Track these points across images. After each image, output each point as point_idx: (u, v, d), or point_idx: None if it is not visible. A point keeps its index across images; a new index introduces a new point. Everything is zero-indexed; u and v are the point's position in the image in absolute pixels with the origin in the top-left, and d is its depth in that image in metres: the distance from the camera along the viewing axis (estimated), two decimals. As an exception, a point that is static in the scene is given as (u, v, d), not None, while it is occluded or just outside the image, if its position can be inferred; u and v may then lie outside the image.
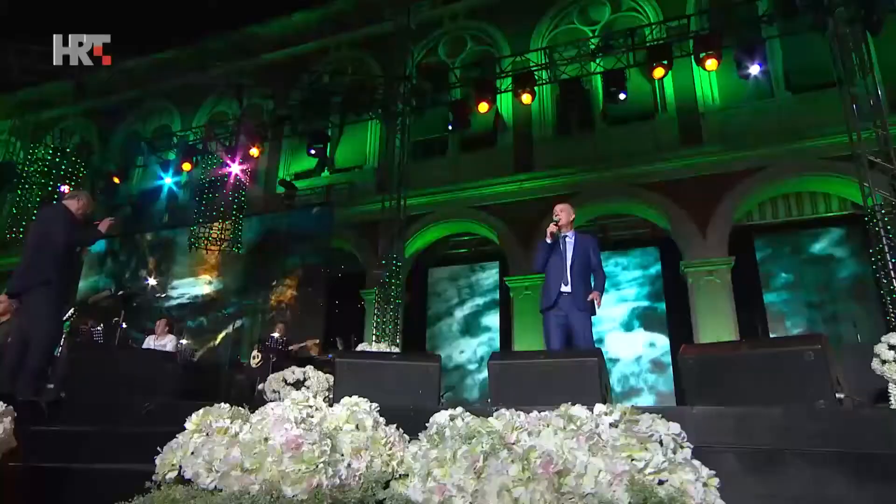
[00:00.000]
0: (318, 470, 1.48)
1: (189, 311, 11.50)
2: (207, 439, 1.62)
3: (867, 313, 9.39)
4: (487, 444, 1.39)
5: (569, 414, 1.55)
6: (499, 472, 1.26)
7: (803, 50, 10.41)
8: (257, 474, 1.50)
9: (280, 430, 1.60)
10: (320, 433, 1.57)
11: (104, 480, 2.74)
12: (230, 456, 1.54)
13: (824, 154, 9.67)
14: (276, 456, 1.51)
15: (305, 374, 6.75)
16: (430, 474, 1.40)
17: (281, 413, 1.69)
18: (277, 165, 14.09)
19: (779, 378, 2.79)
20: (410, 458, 1.56)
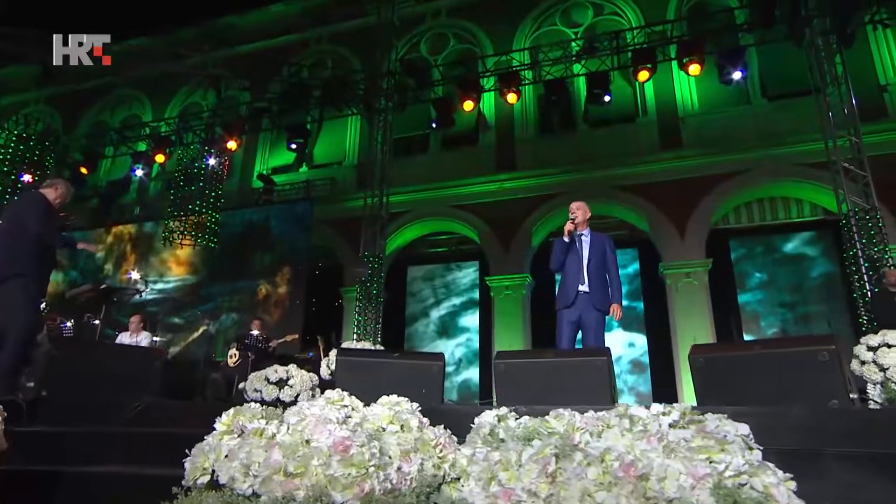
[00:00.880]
0: (368, 474, 1.39)
1: (162, 308, 11.11)
2: (243, 441, 1.51)
3: (836, 312, 9.70)
4: (555, 445, 1.33)
5: (629, 414, 1.49)
6: (578, 475, 1.19)
7: (779, 59, 10.69)
8: (302, 479, 1.40)
9: (322, 431, 1.50)
10: (367, 435, 1.48)
11: (98, 484, 2.58)
12: (271, 459, 1.44)
13: (798, 160, 9.95)
14: (324, 459, 1.41)
15: (288, 373, 6.60)
16: (494, 478, 1.32)
17: (320, 413, 1.59)
18: (254, 159, 13.76)
19: (792, 378, 2.80)
20: (464, 461, 1.48)
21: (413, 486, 1.44)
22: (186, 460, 1.56)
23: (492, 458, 1.36)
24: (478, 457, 1.41)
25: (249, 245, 11.59)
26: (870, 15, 9.34)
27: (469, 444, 1.53)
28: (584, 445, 1.34)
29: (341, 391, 1.76)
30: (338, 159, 13.38)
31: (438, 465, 1.49)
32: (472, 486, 1.41)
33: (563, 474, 1.22)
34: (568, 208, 4.72)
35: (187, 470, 1.52)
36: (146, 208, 13.31)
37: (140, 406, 3.17)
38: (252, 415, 1.63)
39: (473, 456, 1.45)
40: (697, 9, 11.81)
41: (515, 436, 1.49)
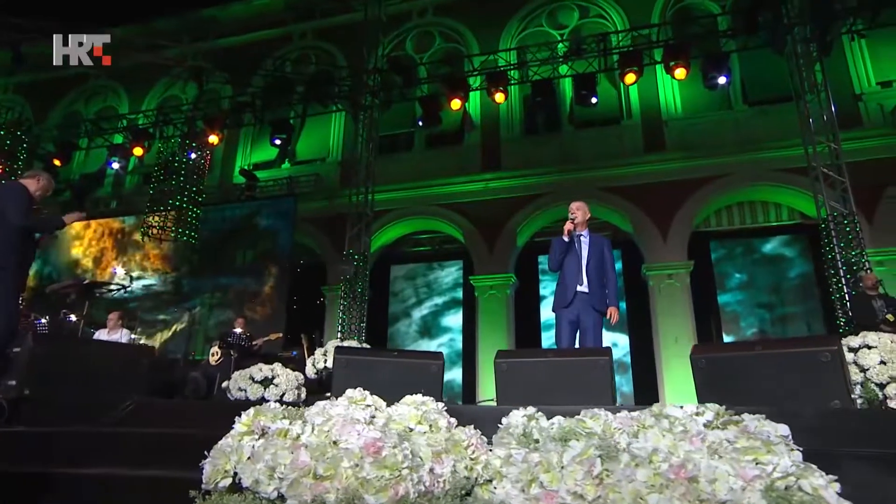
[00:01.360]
0: (402, 477, 1.35)
1: (141, 304, 10.81)
2: (267, 442, 1.44)
3: (812, 312, 9.97)
4: (597, 446, 1.29)
5: (665, 414, 1.47)
6: (628, 477, 1.16)
7: (759, 66, 10.91)
8: (332, 481, 1.35)
9: (350, 432, 1.45)
10: (398, 436, 1.43)
11: (90, 486, 2.48)
12: (298, 461, 1.38)
13: (777, 165, 10.16)
14: (355, 461, 1.36)
15: (273, 372, 6.49)
16: (535, 480, 1.28)
17: (346, 413, 1.53)
18: (235, 154, 13.51)
19: (794, 378, 2.83)
20: (497, 462, 1.44)
21: (446, 488, 1.40)
22: (206, 462, 1.49)
23: (531, 459, 1.33)
24: (515, 458, 1.37)
25: (231, 241, 11.37)
26: (847, 25, 9.58)
27: (501, 445, 1.49)
28: (626, 446, 1.31)
29: (363, 390, 1.71)
30: (321, 156, 13.22)
31: (471, 467, 1.45)
32: (507, 489, 1.37)
33: (612, 476, 1.19)
34: (567, 208, 4.76)
35: (207, 472, 1.45)
36: (123, 202, 12.96)
37: (131, 405, 3.05)
38: (273, 415, 1.57)
39: (510, 457, 1.41)
40: (681, 13, 11.98)
41: (550, 436, 1.45)
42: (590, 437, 1.39)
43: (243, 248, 11.28)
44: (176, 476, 2.33)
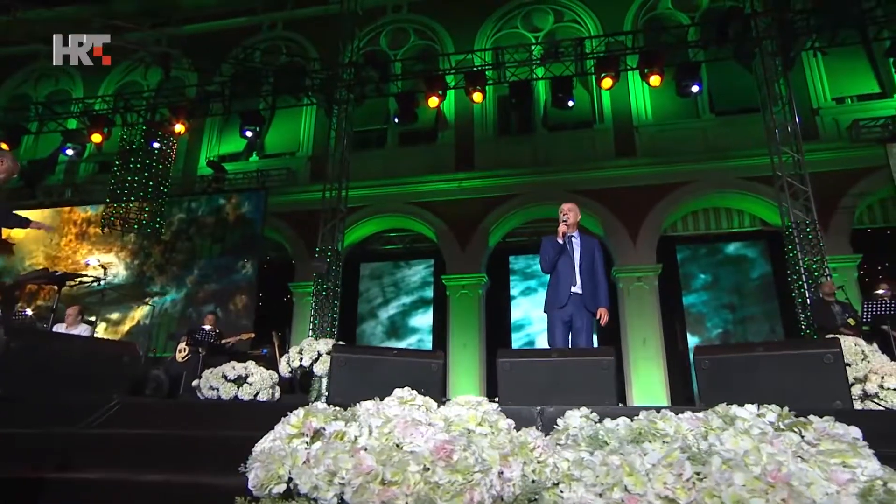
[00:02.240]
0: (476, 482, 1.28)
1: (102, 298, 10.25)
2: (327, 445, 1.35)
3: (772, 313, 10.39)
4: (682, 448, 1.26)
5: (732, 415, 1.45)
6: (727, 481, 1.13)
7: (726, 77, 11.29)
8: (400, 486, 1.27)
9: (414, 434, 1.38)
10: (467, 438, 1.36)
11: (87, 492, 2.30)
12: (363, 465, 1.29)
13: (742, 174, 10.52)
14: (426, 464, 1.28)
15: (247, 371, 6.27)
16: (618, 484, 1.24)
17: (405, 414, 1.45)
18: (200, 145, 13.03)
19: (797, 379, 2.89)
20: (565, 465, 1.39)
21: (516, 493, 1.34)
22: (255, 466, 1.38)
23: (611, 461, 1.28)
24: (591, 461, 1.32)
25: (198, 235, 10.94)
26: (810, 42, 10.01)
27: (568, 447, 1.44)
28: (708, 448, 1.29)
29: (410, 389, 1.63)
30: (290, 149, 12.90)
31: (539, 471, 1.39)
32: (581, 493, 1.32)
33: (708, 480, 1.16)
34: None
35: (259, 477, 1.35)
36: (78, 191, 12.30)
37: (117, 405, 2.86)
38: (325, 415, 1.47)
39: (581, 460, 1.36)
40: (653, 22, 12.26)
41: (619, 438, 1.41)
42: (663, 438, 1.36)
43: (210, 242, 10.88)
44: (184, 481, 2.20)
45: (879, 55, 10.96)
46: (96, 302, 9.60)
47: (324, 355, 6.89)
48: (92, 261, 8.51)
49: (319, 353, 6.94)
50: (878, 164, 9.68)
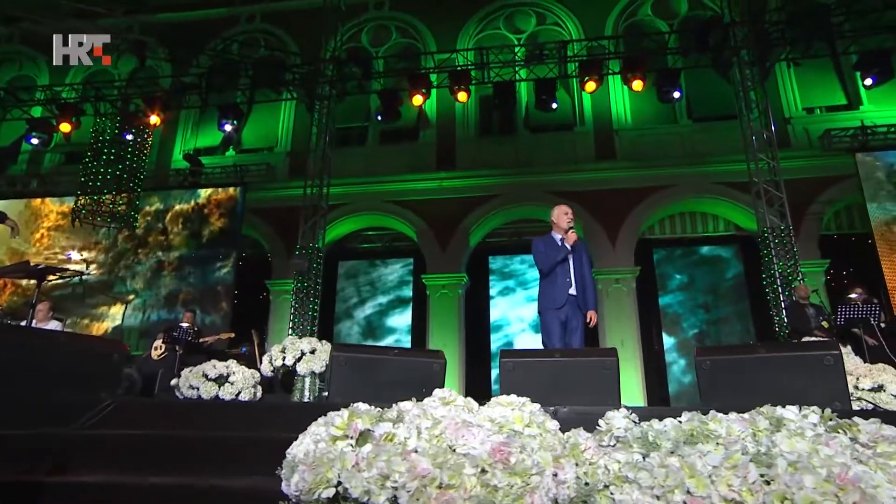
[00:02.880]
0: (534, 485, 1.25)
1: (72, 294, 9.83)
2: (378, 448, 1.30)
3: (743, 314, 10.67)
4: (743, 450, 1.26)
5: (779, 416, 1.46)
6: (797, 483, 1.13)
7: (704, 84, 11.53)
8: (457, 490, 1.23)
9: (467, 436, 1.34)
10: (521, 441, 1.33)
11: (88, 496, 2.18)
12: (418, 468, 1.25)
13: (718, 179, 10.77)
14: (484, 467, 1.25)
15: (229, 370, 6.12)
16: (680, 486, 1.23)
17: (452, 415, 1.41)
18: (174, 138, 12.66)
19: (797, 381, 2.96)
20: (618, 467, 1.37)
21: (571, 495, 1.32)
22: (300, 470, 1.32)
23: (671, 463, 1.27)
24: (649, 462, 1.30)
25: (173, 230, 10.62)
26: (785, 53, 10.31)
27: (620, 449, 1.42)
28: (767, 450, 1.28)
29: (449, 390, 1.59)
30: (269, 145, 12.65)
31: (592, 473, 1.37)
32: (635, 495, 1.30)
33: (777, 482, 1.15)
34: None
35: (306, 482, 1.29)
36: (44, 182, 11.79)
37: (111, 405, 2.74)
38: (370, 416, 1.42)
39: (636, 462, 1.34)
40: (633, 28, 12.44)
41: (669, 439, 1.40)
42: (717, 440, 1.35)
43: (187, 237, 10.57)
44: (191, 483, 2.11)
45: (846, 68, 11.37)
46: (66, 297, 9.22)
47: (307, 354, 6.77)
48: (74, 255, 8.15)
49: (303, 351, 6.80)
50: (846, 172, 10.03)
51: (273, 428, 2.83)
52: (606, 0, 12.47)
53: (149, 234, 10.59)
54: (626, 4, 12.43)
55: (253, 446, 2.32)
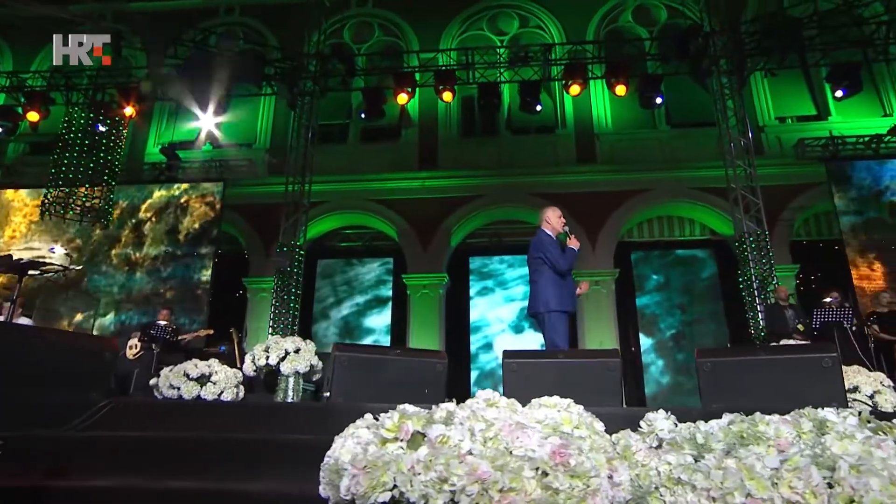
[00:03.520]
0: (594, 486, 1.23)
1: (40, 290, 9.42)
2: (436, 451, 1.27)
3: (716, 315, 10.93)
4: (801, 453, 1.26)
5: (819, 418, 1.48)
6: (865, 486, 1.14)
7: (682, 91, 11.75)
8: (518, 494, 1.21)
9: (521, 438, 1.31)
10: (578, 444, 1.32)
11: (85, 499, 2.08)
12: (478, 471, 1.22)
13: (695, 184, 11.00)
14: (545, 469, 1.23)
15: (211, 369, 5.98)
16: (739, 488, 1.22)
17: (503, 416, 1.39)
18: (147, 131, 12.29)
19: (795, 382, 3.02)
20: (669, 468, 1.37)
21: (627, 498, 1.31)
22: (351, 473, 1.28)
23: (728, 465, 1.27)
24: (706, 464, 1.30)
25: (149, 226, 10.29)
26: (762, 63, 10.59)
27: (671, 451, 1.42)
28: (822, 452, 1.29)
29: (491, 391, 1.57)
30: (247, 140, 12.40)
31: (644, 475, 1.36)
32: (689, 497, 1.30)
33: (842, 485, 1.16)
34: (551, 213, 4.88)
35: (362, 486, 1.24)
36: (9, 173, 11.29)
37: (108, 406, 2.62)
38: (419, 418, 1.38)
39: (689, 464, 1.34)
40: (613, 34, 12.61)
41: (719, 441, 1.40)
42: (767, 442, 1.36)
43: (162, 233, 10.26)
44: (210, 488, 2.03)
45: (816, 80, 11.77)
46: (35, 292, 8.84)
47: (291, 354, 6.65)
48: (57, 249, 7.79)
49: (287, 351, 6.69)
50: (817, 180, 10.36)
51: (279, 430, 2.77)
52: (588, 5, 12.63)
53: (123, 230, 10.24)
54: (608, 10, 12.61)
55: (264, 448, 2.25)
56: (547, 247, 4.65)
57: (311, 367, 5.48)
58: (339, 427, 2.84)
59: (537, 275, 4.58)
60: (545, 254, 4.59)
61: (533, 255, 4.68)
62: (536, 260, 4.62)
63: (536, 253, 4.66)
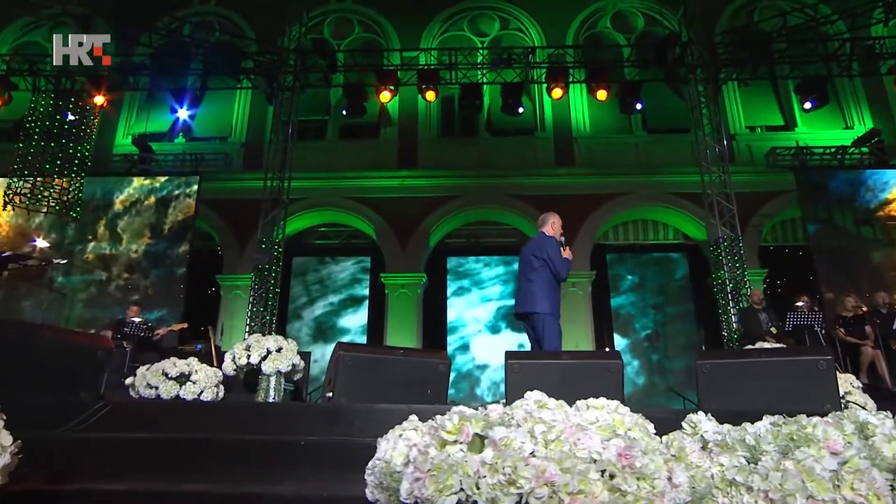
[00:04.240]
0: (660, 489, 1.24)
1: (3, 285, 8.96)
2: (503, 454, 1.25)
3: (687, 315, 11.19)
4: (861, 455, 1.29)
5: (860, 420, 1.51)
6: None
7: (658, 98, 12.00)
8: (587, 497, 1.20)
9: (581, 439, 1.31)
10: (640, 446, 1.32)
11: None
12: (546, 474, 1.21)
13: (670, 190, 11.24)
14: (612, 472, 1.22)
15: (191, 368, 5.81)
16: (801, 490, 1.24)
17: (560, 418, 1.38)
18: (116, 121, 11.86)
19: (791, 384, 3.11)
20: (721, 470, 1.38)
21: (686, 499, 1.31)
22: (415, 476, 1.25)
23: (787, 467, 1.28)
24: (764, 466, 1.31)
25: (120, 219, 9.92)
26: (736, 73, 10.92)
27: (724, 453, 1.43)
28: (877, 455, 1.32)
29: (539, 392, 1.56)
30: (222, 134, 12.10)
31: (700, 477, 1.37)
32: (745, 499, 1.31)
33: (904, 485, 1.19)
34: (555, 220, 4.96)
35: (427, 489, 1.22)
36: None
37: (107, 406, 2.51)
38: (477, 420, 1.36)
39: (743, 465, 1.35)
40: (592, 39, 12.79)
41: (770, 443, 1.43)
42: (818, 444, 1.38)
43: (134, 227, 9.91)
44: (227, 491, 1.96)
45: (784, 92, 12.19)
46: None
47: (273, 353, 6.53)
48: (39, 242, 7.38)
49: (269, 350, 6.57)
50: (786, 188, 10.71)
51: (289, 431, 2.70)
52: (568, 10, 12.76)
53: (91, 223, 9.85)
54: (587, 16, 12.77)
55: (280, 450, 2.19)
56: (553, 251, 4.68)
57: (293, 366, 5.39)
58: (349, 428, 2.80)
59: (535, 275, 4.58)
60: (550, 257, 4.61)
61: (535, 255, 4.69)
62: (538, 261, 4.63)
63: (540, 254, 4.67)
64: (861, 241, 10.06)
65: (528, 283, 4.63)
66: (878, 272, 9.74)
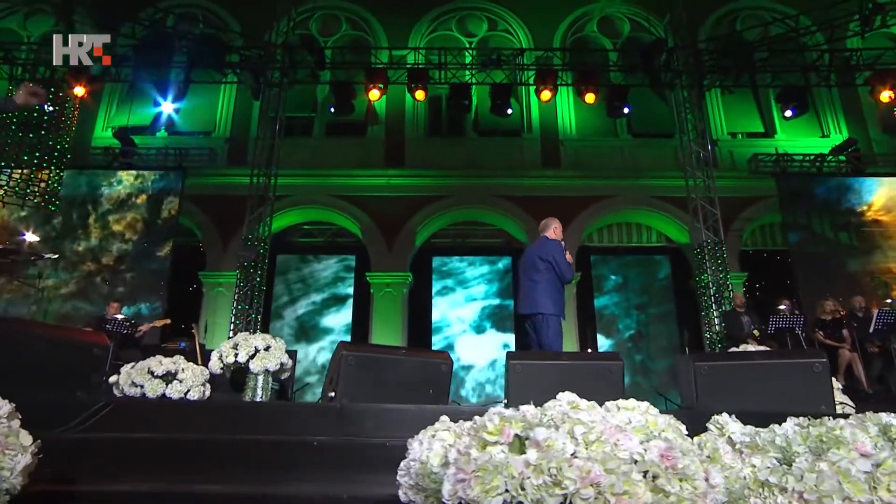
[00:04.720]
0: (701, 489, 1.25)
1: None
2: (547, 455, 1.24)
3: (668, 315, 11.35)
4: (889, 456, 1.32)
5: (883, 422, 1.55)
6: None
7: (643, 103, 12.15)
8: (631, 497, 1.21)
9: (621, 440, 1.31)
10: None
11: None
12: (591, 475, 1.21)
13: (654, 193, 11.39)
14: (654, 473, 1.23)
15: (177, 366, 5.70)
16: (837, 491, 1.26)
17: (598, 418, 1.38)
18: (96, 114, 11.56)
19: (787, 386, 3.17)
20: (753, 471, 1.40)
21: (723, 500, 1.33)
22: (460, 479, 1.24)
23: (823, 469, 1.31)
24: (798, 467, 1.33)
25: (100, 214, 9.67)
26: (719, 80, 11.11)
27: (755, 454, 1.45)
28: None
29: (571, 394, 1.56)
30: (206, 129, 11.89)
31: (735, 478, 1.39)
32: (779, 500, 1.33)
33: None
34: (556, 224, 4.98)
35: (474, 490, 1.21)
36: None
37: (108, 406, 2.43)
38: (516, 421, 1.36)
39: (776, 466, 1.37)
40: (579, 42, 12.90)
41: (800, 444, 1.45)
42: (847, 446, 1.41)
43: (115, 222, 9.67)
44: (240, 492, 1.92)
45: (764, 99, 12.46)
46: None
47: (261, 351, 6.44)
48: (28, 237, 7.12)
49: (257, 348, 6.48)
50: (767, 193, 10.94)
51: (297, 431, 2.66)
52: (556, 13, 12.84)
53: (73, 217, 9.58)
54: (575, 19, 12.87)
55: (293, 451, 2.16)
56: (558, 254, 4.74)
57: (281, 365, 5.33)
58: (358, 428, 2.77)
59: (539, 277, 4.63)
60: (556, 260, 4.68)
61: (540, 258, 4.75)
62: (543, 263, 4.68)
63: (545, 256, 4.74)
64: (838, 247, 10.33)
65: (532, 284, 4.68)
66: (854, 277, 10.01)
